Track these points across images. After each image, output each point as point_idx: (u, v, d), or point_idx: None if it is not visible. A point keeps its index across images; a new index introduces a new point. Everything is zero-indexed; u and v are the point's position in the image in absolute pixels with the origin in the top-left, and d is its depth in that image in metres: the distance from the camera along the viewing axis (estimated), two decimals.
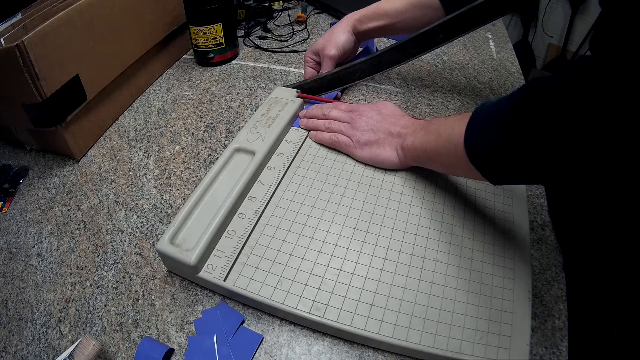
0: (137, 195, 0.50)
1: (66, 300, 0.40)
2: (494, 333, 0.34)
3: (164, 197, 0.50)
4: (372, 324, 0.35)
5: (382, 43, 0.80)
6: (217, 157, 0.50)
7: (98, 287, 0.41)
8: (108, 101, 0.60)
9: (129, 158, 0.56)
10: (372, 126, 0.48)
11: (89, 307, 0.39)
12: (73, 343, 0.35)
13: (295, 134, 0.52)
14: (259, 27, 0.85)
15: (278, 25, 0.86)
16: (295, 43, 0.80)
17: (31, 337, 0.38)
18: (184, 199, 0.49)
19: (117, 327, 0.38)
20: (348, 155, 0.50)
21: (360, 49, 0.66)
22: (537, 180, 0.34)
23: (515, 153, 0.31)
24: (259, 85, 0.68)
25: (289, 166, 0.48)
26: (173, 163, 0.54)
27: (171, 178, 0.52)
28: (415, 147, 0.43)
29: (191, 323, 0.38)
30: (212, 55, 0.71)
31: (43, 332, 0.38)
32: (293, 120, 0.54)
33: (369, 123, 0.48)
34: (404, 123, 0.46)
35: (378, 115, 0.48)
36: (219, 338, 0.36)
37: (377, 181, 0.46)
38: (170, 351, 0.36)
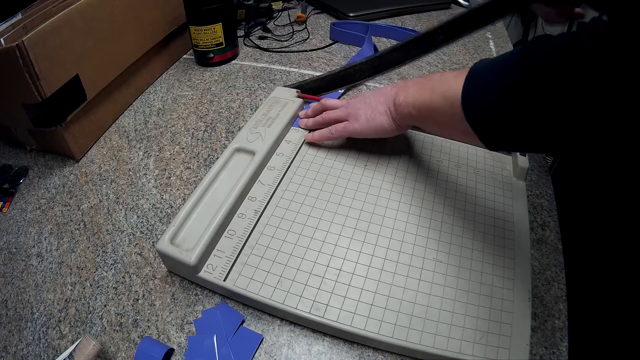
0: (137, 195, 0.50)
1: (66, 300, 0.40)
2: (494, 333, 0.34)
3: (164, 197, 0.50)
4: (372, 324, 0.35)
5: (382, 43, 0.80)
6: (217, 157, 0.50)
7: (98, 287, 0.41)
8: (108, 101, 0.60)
9: (129, 158, 0.56)
10: (364, 100, 0.47)
11: (89, 307, 0.39)
12: (73, 343, 0.35)
13: (295, 134, 0.52)
14: (259, 27, 0.85)
15: (278, 25, 0.86)
16: (295, 43, 0.80)
17: (31, 337, 0.38)
18: (184, 199, 0.49)
19: (117, 327, 0.38)
20: (348, 155, 0.50)
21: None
22: (538, 148, 0.32)
23: (519, 115, 0.29)
24: (259, 85, 0.68)
25: (289, 166, 0.48)
26: (173, 163, 0.54)
27: (171, 178, 0.52)
28: (408, 102, 0.41)
29: (191, 323, 0.38)
30: (212, 55, 0.71)
31: (43, 332, 0.38)
32: (293, 121, 0.54)
33: (362, 99, 0.47)
34: (397, 85, 0.45)
35: (371, 93, 0.48)
36: (219, 338, 0.36)
37: (377, 181, 0.46)
38: (170, 351, 0.36)
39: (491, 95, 0.31)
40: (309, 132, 0.52)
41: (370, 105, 0.46)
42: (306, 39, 0.81)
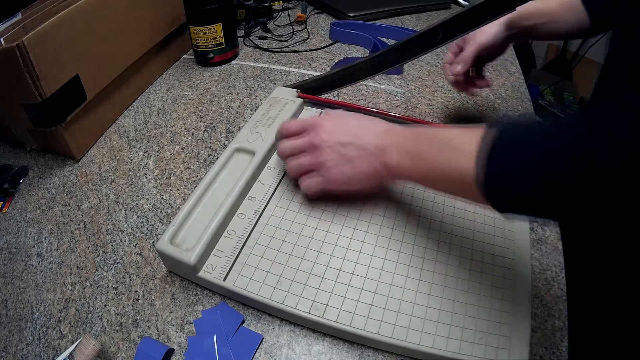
0: (137, 195, 0.50)
1: (66, 300, 0.40)
2: (494, 333, 0.34)
3: (164, 197, 0.50)
4: (372, 324, 0.35)
5: (382, 43, 0.80)
6: (217, 157, 0.50)
7: (98, 287, 0.41)
8: (108, 101, 0.60)
9: (129, 158, 0.56)
10: (336, 145, 0.38)
11: (89, 307, 0.39)
12: (73, 343, 0.35)
13: None
14: (259, 27, 0.85)
15: (278, 25, 0.86)
16: (295, 43, 0.80)
17: (31, 337, 0.38)
18: (184, 199, 0.49)
19: (117, 327, 0.38)
20: None
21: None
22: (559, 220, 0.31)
23: (554, 205, 0.26)
24: (259, 85, 0.68)
25: None
26: (173, 163, 0.54)
27: (171, 178, 0.52)
28: (402, 166, 0.35)
29: (191, 323, 0.38)
30: (212, 55, 0.71)
31: (43, 332, 0.38)
32: None
33: (331, 142, 0.39)
34: (378, 132, 0.38)
35: (340, 127, 0.39)
36: (219, 338, 0.36)
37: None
38: (170, 351, 0.36)
39: (525, 187, 0.27)
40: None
41: (349, 159, 0.38)
42: (306, 39, 0.81)
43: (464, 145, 0.30)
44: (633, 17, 0.40)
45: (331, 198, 0.44)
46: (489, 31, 0.53)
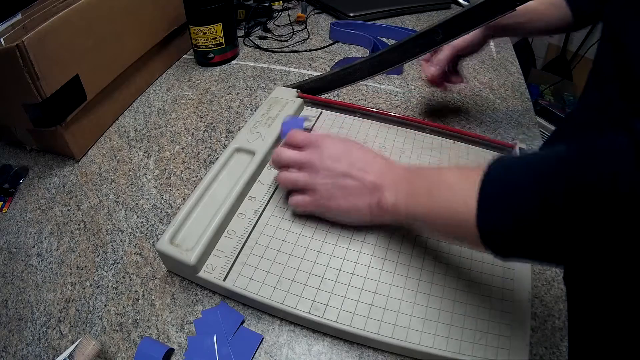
0: (137, 195, 0.50)
1: (66, 300, 0.40)
2: (494, 333, 0.34)
3: (164, 197, 0.50)
4: (372, 324, 0.35)
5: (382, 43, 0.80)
6: (217, 157, 0.50)
7: (98, 287, 0.41)
8: (108, 101, 0.60)
9: (129, 158, 0.56)
10: (335, 173, 0.38)
11: (89, 307, 0.39)
12: (73, 343, 0.35)
13: None
14: (259, 27, 0.85)
15: (278, 25, 0.86)
16: (295, 43, 0.80)
17: (31, 337, 0.38)
18: (184, 199, 0.49)
19: (117, 327, 0.38)
20: None
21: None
22: (560, 263, 0.29)
23: (554, 243, 0.25)
24: (259, 85, 0.68)
25: None
26: (173, 163, 0.54)
27: (171, 178, 0.52)
28: (399, 209, 0.34)
29: (191, 323, 0.38)
30: (212, 55, 0.71)
31: (43, 332, 0.38)
32: None
33: (331, 168, 0.38)
34: (378, 169, 0.37)
35: (343, 155, 0.38)
36: (219, 338, 0.36)
37: None
38: (170, 351, 0.36)
39: (519, 223, 0.26)
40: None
41: (345, 193, 0.37)
42: (306, 39, 0.81)
43: (461, 188, 0.29)
44: (619, 16, 0.41)
45: None
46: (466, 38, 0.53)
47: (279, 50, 0.78)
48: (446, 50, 0.54)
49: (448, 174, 0.31)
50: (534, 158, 0.27)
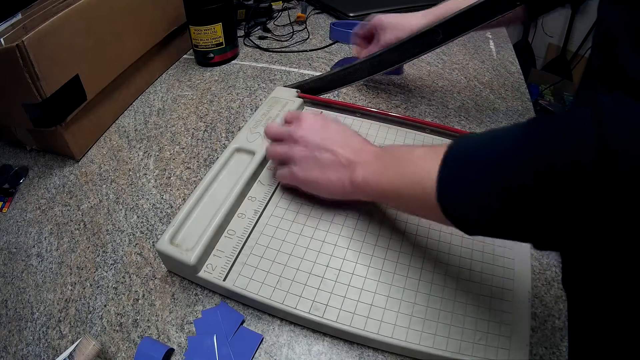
0: (137, 195, 0.50)
1: (66, 300, 0.40)
2: (494, 333, 0.34)
3: (164, 197, 0.50)
4: (372, 324, 0.35)
5: None
6: (217, 157, 0.50)
7: (98, 287, 0.41)
8: (108, 101, 0.60)
9: (129, 158, 0.56)
10: (312, 145, 0.39)
11: (89, 307, 0.39)
12: (73, 343, 0.35)
13: None
14: (259, 27, 0.85)
15: (278, 25, 0.86)
16: (295, 43, 0.80)
17: (31, 337, 0.38)
18: (184, 199, 0.49)
19: (117, 327, 0.38)
20: None
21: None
22: (529, 241, 0.28)
23: (515, 218, 0.24)
24: (259, 85, 0.68)
25: None
26: (173, 163, 0.54)
27: (171, 178, 0.52)
28: (368, 183, 0.35)
29: (191, 323, 0.38)
30: (212, 55, 0.71)
31: (43, 332, 0.38)
32: None
33: (309, 140, 0.39)
34: (355, 146, 0.38)
35: (322, 129, 0.40)
36: (219, 338, 0.36)
37: None
38: (170, 351, 0.36)
39: (479, 194, 0.26)
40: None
41: (321, 165, 0.38)
42: (306, 39, 0.81)
43: (426, 162, 0.29)
44: (613, 14, 0.40)
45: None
46: (409, 28, 0.53)
47: (279, 50, 0.78)
48: (387, 41, 0.54)
49: (417, 151, 0.32)
50: (498, 133, 0.26)
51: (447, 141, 0.51)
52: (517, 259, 0.39)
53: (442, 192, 0.28)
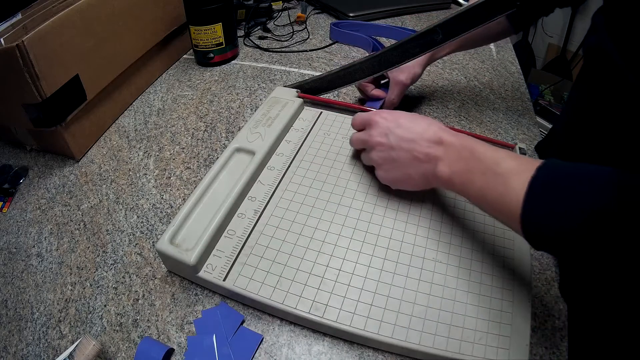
0: (137, 195, 0.50)
1: (66, 300, 0.40)
2: (494, 333, 0.34)
3: (164, 197, 0.50)
4: (372, 324, 0.35)
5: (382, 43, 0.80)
6: (217, 157, 0.50)
7: (98, 287, 0.41)
8: (108, 101, 0.60)
9: (129, 158, 0.56)
10: (387, 146, 0.40)
11: (89, 307, 0.39)
12: (73, 343, 0.35)
13: (295, 134, 0.52)
14: (259, 27, 0.85)
15: (278, 25, 0.86)
16: (295, 43, 0.80)
17: (31, 337, 0.38)
18: (184, 199, 0.49)
19: (117, 327, 0.38)
20: (349, 155, 0.50)
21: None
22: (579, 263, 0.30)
23: (582, 245, 0.26)
24: (259, 85, 0.68)
25: (288, 166, 0.48)
26: (173, 163, 0.54)
27: (171, 178, 0.52)
28: (454, 183, 0.36)
29: (191, 323, 0.38)
30: (212, 55, 0.71)
31: (43, 332, 0.38)
32: (293, 120, 0.54)
33: (384, 143, 0.41)
34: (431, 138, 0.38)
35: (395, 128, 0.41)
36: (218, 338, 0.36)
37: (378, 181, 0.46)
38: (170, 351, 0.36)
39: (564, 223, 0.27)
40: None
41: (397, 163, 0.40)
42: (306, 39, 0.81)
43: (513, 179, 0.30)
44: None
45: (332, 198, 0.44)
46: (411, 72, 0.55)
47: (279, 50, 0.78)
48: (395, 90, 0.56)
49: (504, 164, 0.32)
50: (586, 167, 0.28)
51: None
52: (517, 259, 0.39)
53: (526, 214, 0.29)
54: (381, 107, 0.57)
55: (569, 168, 0.28)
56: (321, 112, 0.56)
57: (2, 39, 0.46)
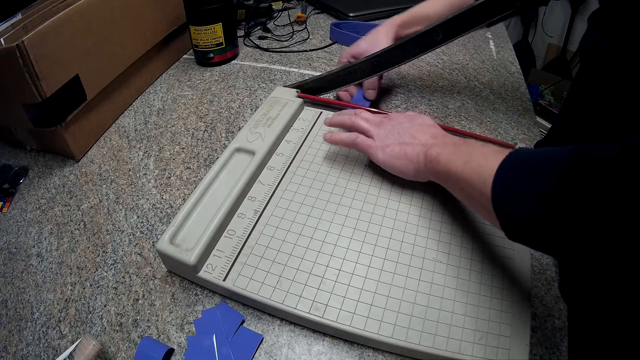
0: (137, 195, 0.50)
1: (66, 300, 0.40)
2: (494, 333, 0.34)
3: (164, 197, 0.50)
4: (372, 324, 0.35)
5: None
6: (217, 157, 0.50)
7: (98, 287, 0.41)
8: (108, 101, 0.60)
9: (129, 158, 0.56)
10: (398, 129, 0.44)
11: (89, 307, 0.39)
12: (73, 343, 0.35)
13: (295, 134, 0.52)
14: (259, 27, 0.85)
15: (278, 25, 0.86)
16: (295, 43, 0.80)
17: (31, 337, 0.38)
18: (184, 199, 0.49)
19: (117, 327, 0.38)
20: (349, 155, 0.50)
21: None
22: (559, 255, 0.32)
23: (556, 216, 0.27)
24: (259, 85, 0.68)
25: (288, 166, 0.48)
26: (173, 163, 0.54)
27: (171, 178, 0.52)
28: (439, 160, 0.39)
29: (191, 323, 0.38)
30: (212, 55, 0.71)
31: (43, 332, 0.38)
32: (293, 120, 0.54)
33: (396, 126, 0.45)
34: (434, 132, 0.43)
35: (408, 121, 0.45)
36: (219, 338, 0.36)
37: (378, 181, 0.46)
38: (170, 351, 0.36)
39: (524, 193, 0.28)
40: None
41: (401, 142, 0.43)
42: (306, 39, 0.81)
43: (495, 156, 0.32)
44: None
45: (332, 198, 0.44)
46: (381, 47, 0.55)
47: (279, 50, 0.78)
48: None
49: (488, 149, 0.35)
50: (552, 148, 0.29)
51: None
52: (517, 259, 0.39)
53: (495, 184, 0.31)
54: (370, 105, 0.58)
55: (536, 150, 0.31)
56: (321, 112, 0.56)
57: (2, 39, 0.46)
